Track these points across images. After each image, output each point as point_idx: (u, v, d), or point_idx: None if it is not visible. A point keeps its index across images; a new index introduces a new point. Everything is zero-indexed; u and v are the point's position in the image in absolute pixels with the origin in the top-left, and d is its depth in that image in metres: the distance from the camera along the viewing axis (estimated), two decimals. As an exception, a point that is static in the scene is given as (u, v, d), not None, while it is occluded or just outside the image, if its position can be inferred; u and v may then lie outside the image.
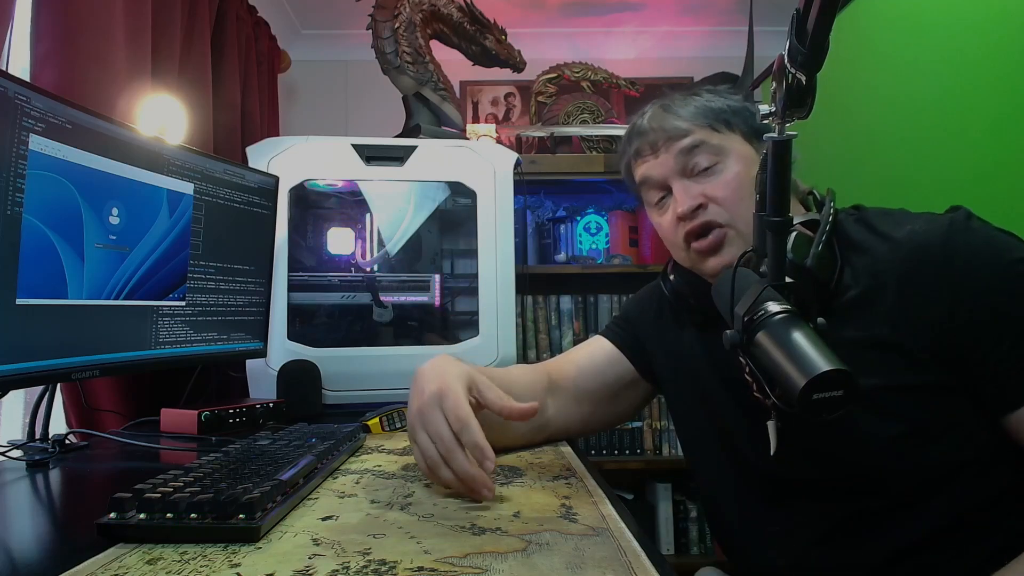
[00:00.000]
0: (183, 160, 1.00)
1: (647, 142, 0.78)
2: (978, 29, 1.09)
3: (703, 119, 0.76)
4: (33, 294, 0.75)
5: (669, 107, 0.78)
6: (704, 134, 0.75)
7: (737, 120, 0.76)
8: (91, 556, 0.47)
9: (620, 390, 0.92)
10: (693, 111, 0.76)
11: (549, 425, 0.89)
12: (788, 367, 0.51)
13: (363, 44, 1.72)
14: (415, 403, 0.68)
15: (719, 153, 0.75)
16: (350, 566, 0.45)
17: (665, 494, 2.02)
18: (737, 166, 0.74)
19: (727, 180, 0.74)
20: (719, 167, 0.74)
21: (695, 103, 0.77)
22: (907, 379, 0.63)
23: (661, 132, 0.76)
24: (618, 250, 2.17)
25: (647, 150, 0.78)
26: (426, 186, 1.44)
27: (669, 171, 0.76)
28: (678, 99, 0.78)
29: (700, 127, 0.75)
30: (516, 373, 0.89)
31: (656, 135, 0.77)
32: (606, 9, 2.49)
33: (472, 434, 0.62)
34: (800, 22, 0.47)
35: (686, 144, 0.75)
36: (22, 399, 1.13)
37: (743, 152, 0.75)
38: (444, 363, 0.72)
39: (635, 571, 0.45)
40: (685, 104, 0.77)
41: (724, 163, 0.74)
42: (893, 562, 0.64)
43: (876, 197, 0.77)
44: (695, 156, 0.75)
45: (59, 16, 1.04)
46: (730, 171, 0.74)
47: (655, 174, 0.77)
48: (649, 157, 0.78)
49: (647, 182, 0.79)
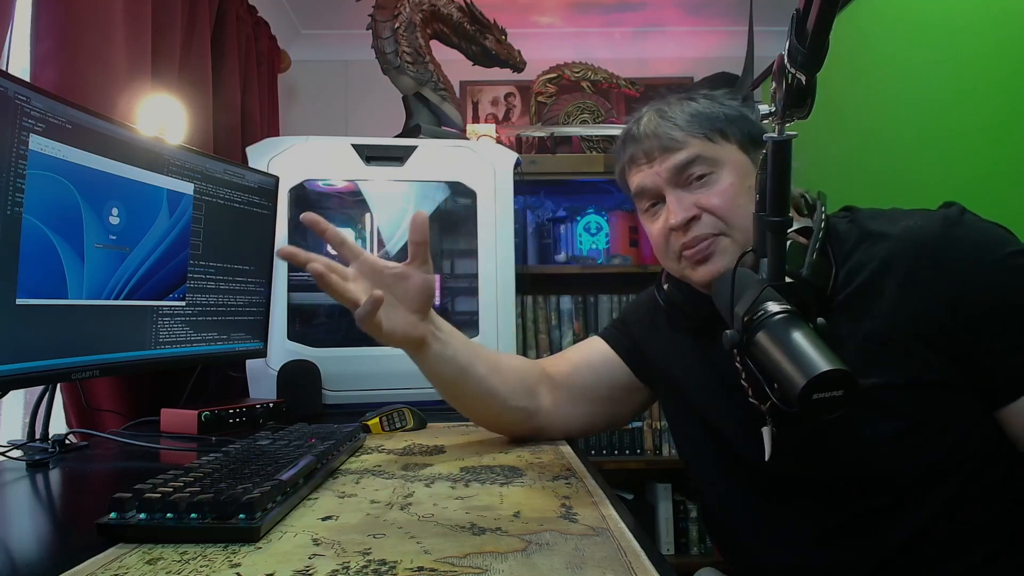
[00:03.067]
0: (183, 160, 1.00)
1: (642, 150, 0.77)
2: (978, 29, 1.09)
3: (698, 128, 0.75)
4: (33, 294, 0.75)
5: (665, 113, 0.77)
6: (699, 146, 0.74)
7: (733, 129, 0.75)
8: (91, 556, 0.47)
9: (616, 392, 0.91)
10: (689, 119, 0.75)
11: (539, 415, 0.89)
12: (788, 367, 0.51)
13: (363, 44, 1.72)
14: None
15: (714, 164, 0.74)
16: (350, 566, 0.45)
17: (665, 494, 2.02)
18: (731, 176, 0.73)
19: (721, 190, 0.73)
20: (713, 177, 0.74)
21: (691, 110, 0.76)
22: (905, 375, 0.64)
23: (656, 141, 0.76)
24: (618, 250, 2.17)
25: (642, 158, 0.77)
26: (426, 186, 1.44)
27: (663, 181, 0.75)
28: (674, 104, 0.77)
29: (695, 137, 0.74)
30: (507, 356, 0.93)
31: (651, 143, 0.76)
32: (606, 9, 2.49)
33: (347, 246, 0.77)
34: (800, 22, 0.47)
35: (682, 159, 0.74)
36: (22, 399, 1.12)
37: (738, 162, 0.75)
38: None
39: (635, 571, 0.45)
40: (682, 110, 0.76)
41: (719, 173, 0.74)
42: (892, 561, 0.64)
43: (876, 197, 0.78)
44: (690, 168, 0.74)
45: (59, 16, 1.04)
46: (724, 181, 0.73)
47: (649, 184, 0.77)
48: (644, 166, 0.77)
49: (641, 192, 0.79)
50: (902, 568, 0.64)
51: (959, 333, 0.62)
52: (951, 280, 0.63)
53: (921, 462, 0.63)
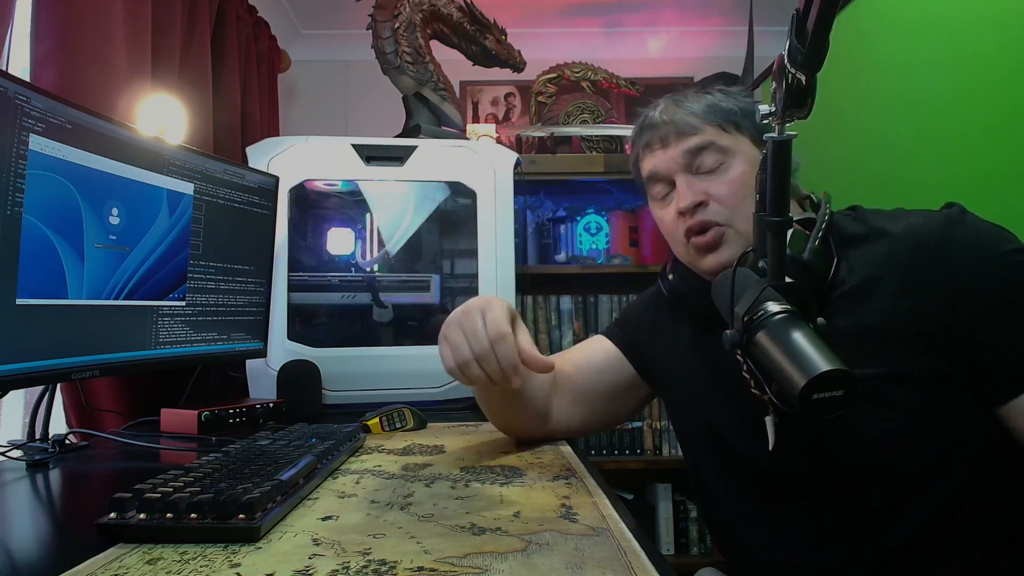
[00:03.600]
0: (183, 160, 1.00)
1: (657, 135, 0.78)
2: (978, 29, 1.09)
3: (714, 118, 0.76)
4: (33, 294, 0.75)
5: (681, 102, 0.78)
6: (713, 134, 0.76)
7: (747, 123, 0.77)
8: (91, 556, 0.47)
9: (619, 391, 0.92)
10: (705, 108, 0.77)
11: (550, 419, 0.89)
12: (788, 367, 0.51)
13: (363, 44, 1.72)
14: (456, 313, 0.73)
15: (726, 153, 0.75)
16: (350, 566, 0.45)
17: (665, 494, 2.02)
18: (742, 167, 0.75)
19: (731, 179, 0.74)
20: (724, 167, 0.75)
21: (707, 100, 0.78)
22: (903, 367, 0.64)
23: (672, 126, 0.77)
24: (618, 250, 2.17)
25: (656, 143, 0.79)
26: (426, 186, 1.44)
27: (675, 166, 0.77)
28: (691, 95, 0.79)
29: (710, 125, 0.76)
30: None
31: (667, 128, 0.77)
32: (606, 9, 2.49)
33: (508, 345, 0.65)
34: (800, 22, 0.48)
35: (695, 143, 0.75)
36: (22, 399, 1.13)
37: (750, 154, 0.76)
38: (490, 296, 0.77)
39: (635, 571, 0.45)
40: (698, 100, 0.78)
41: (730, 163, 0.75)
42: (892, 561, 0.64)
43: (876, 197, 0.78)
44: (702, 156, 0.75)
45: (59, 16, 1.04)
46: (735, 171, 0.75)
47: (662, 168, 0.78)
48: (658, 151, 0.78)
49: (653, 176, 0.80)
50: (902, 568, 0.64)
51: (959, 331, 0.63)
52: (952, 278, 0.63)
53: (920, 461, 0.64)
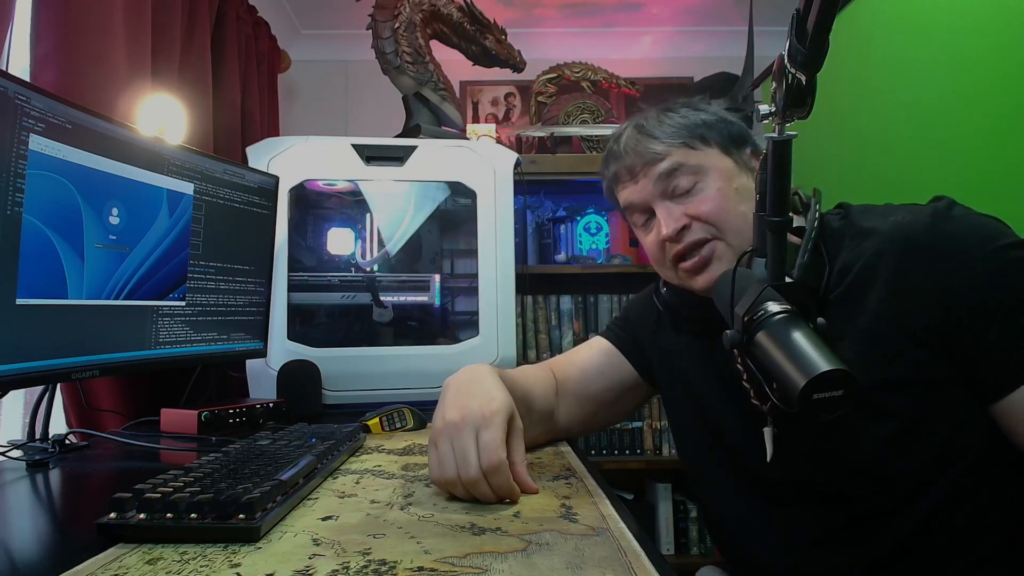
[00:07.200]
0: (183, 160, 1.00)
1: (624, 167, 0.77)
2: (978, 29, 1.09)
3: (678, 136, 0.75)
4: (33, 294, 0.75)
5: (643, 128, 0.77)
6: (681, 155, 0.74)
7: (712, 133, 0.75)
8: (91, 556, 0.47)
9: (621, 391, 0.92)
10: (668, 131, 0.75)
11: (556, 427, 0.90)
12: (788, 367, 0.51)
13: (363, 44, 1.72)
14: (450, 413, 0.64)
15: (698, 172, 0.74)
16: (350, 566, 0.45)
17: (665, 494, 2.02)
18: (717, 182, 0.74)
19: (708, 197, 0.73)
20: (699, 186, 0.74)
21: (668, 121, 0.76)
22: (897, 375, 0.63)
23: (637, 157, 0.76)
24: (618, 250, 2.17)
25: (625, 175, 0.78)
26: (426, 186, 1.44)
27: (650, 195, 0.76)
28: (652, 119, 0.77)
29: (675, 147, 0.74)
30: (532, 380, 0.87)
31: (633, 159, 0.76)
32: (606, 9, 2.49)
33: (501, 478, 0.60)
34: (800, 22, 0.47)
35: (664, 168, 0.74)
36: (22, 399, 1.12)
37: (722, 166, 0.75)
38: (490, 384, 0.68)
39: (635, 571, 0.45)
40: (660, 124, 0.76)
41: (704, 181, 0.74)
42: (892, 560, 0.64)
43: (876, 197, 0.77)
44: (675, 179, 0.74)
45: (59, 16, 1.04)
46: (711, 188, 0.73)
47: (636, 199, 0.77)
48: (628, 183, 0.77)
49: (630, 207, 0.79)
50: (902, 569, 0.64)
51: (950, 329, 0.62)
52: (940, 276, 0.62)
53: (918, 465, 0.63)
